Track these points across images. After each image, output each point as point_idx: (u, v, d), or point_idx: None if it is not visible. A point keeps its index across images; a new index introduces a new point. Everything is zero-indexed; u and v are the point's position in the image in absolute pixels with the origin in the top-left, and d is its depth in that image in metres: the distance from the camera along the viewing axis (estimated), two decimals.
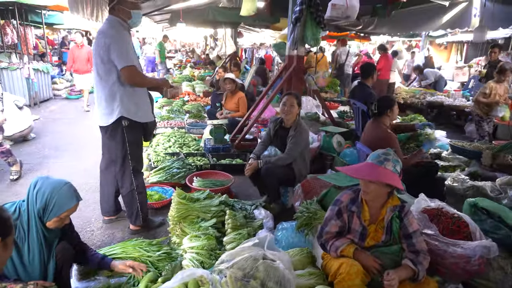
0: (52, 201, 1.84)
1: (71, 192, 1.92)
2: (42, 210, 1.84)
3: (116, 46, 2.76)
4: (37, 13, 8.99)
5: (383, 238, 2.08)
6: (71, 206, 1.90)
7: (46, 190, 1.84)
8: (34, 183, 1.88)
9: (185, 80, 11.32)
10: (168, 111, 7.48)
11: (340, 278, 1.93)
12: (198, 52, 19.07)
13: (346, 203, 2.17)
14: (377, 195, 2.05)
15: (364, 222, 2.09)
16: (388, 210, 2.06)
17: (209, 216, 3.13)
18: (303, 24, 4.71)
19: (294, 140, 3.46)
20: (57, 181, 1.90)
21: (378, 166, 2.00)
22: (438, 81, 10.04)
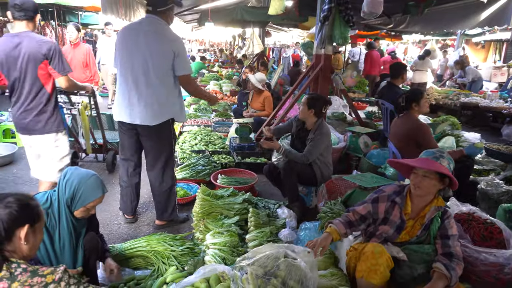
0: (79, 192, 1.92)
1: (98, 184, 1.99)
2: (70, 200, 1.93)
3: (183, 54, 2.90)
4: (74, 14, 9.40)
5: (418, 233, 2.05)
6: (97, 197, 1.98)
7: (74, 180, 1.93)
8: (64, 173, 1.97)
9: (212, 79, 11.46)
10: (195, 110, 7.61)
11: (364, 258, 1.92)
12: (226, 52, 19.22)
13: (389, 193, 2.16)
14: (428, 191, 2.03)
15: (404, 216, 2.07)
16: (433, 208, 2.04)
17: (232, 214, 3.15)
18: (331, 23, 4.64)
19: (313, 144, 3.39)
20: (84, 173, 1.98)
21: (434, 161, 2.00)
22: (475, 82, 9.59)
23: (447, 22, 6.34)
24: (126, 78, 2.92)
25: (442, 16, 6.50)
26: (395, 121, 3.60)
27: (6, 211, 1.40)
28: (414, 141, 3.32)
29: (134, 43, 2.84)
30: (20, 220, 1.42)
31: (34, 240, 1.50)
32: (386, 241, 2.10)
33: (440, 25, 6.78)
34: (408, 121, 3.37)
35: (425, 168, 1.98)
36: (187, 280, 1.98)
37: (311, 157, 3.38)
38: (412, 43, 18.55)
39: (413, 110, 3.38)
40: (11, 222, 1.40)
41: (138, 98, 2.90)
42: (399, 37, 12.05)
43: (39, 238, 1.55)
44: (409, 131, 3.32)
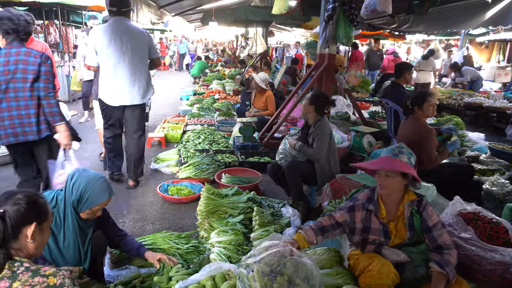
0: (86, 195, 1.91)
1: (105, 187, 1.99)
2: (76, 202, 1.92)
3: (153, 42, 3.90)
4: (78, 14, 9.42)
5: (408, 236, 2.05)
6: (104, 200, 1.98)
7: (81, 183, 1.92)
8: (71, 174, 1.97)
9: (215, 78, 11.47)
10: (198, 109, 7.63)
11: (369, 275, 1.90)
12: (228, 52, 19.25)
13: (362, 201, 2.17)
14: (394, 189, 2.04)
15: (382, 220, 2.08)
16: (406, 205, 2.05)
17: (237, 212, 3.15)
18: (336, 22, 4.64)
19: (318, 137, 3.37)
20: (92, 175, 1.98)
21: (394, 159, 2.02)
22: (475, 81, 9.56)
23: (452, 22, 6.33)
24: (116, 70, 3.65)
25: (446, 15, 6.48)
26: (403, 123, 3.59)
27: (14, 208, 1.37)
28: (419, 144, 3.31)
29: (119, 42, 3.60)
30: (28, 218, 1.40)
31: (41, 239, 1.48)
32: (380, 246, 2.10)
33: (445, 25, 6.77)
34: (415, 123, 3.36)
35: (380, 168, 2.01)
36: (193, 278, 1.99)
37: (321, 151, 3.38)
38: (415, 43, 18.51)
39: (417, 114, 3.37)
40: (19, 220, 1.38)
41: (132, 84, 3.71)
42: (403, 37, 12.03)
43: (46, 236, 1.53)
44: (415, 134, 3.30)
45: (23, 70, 2.61)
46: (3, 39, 2.67)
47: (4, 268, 1.34)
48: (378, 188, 2.11)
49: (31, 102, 2.66)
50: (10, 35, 2.64)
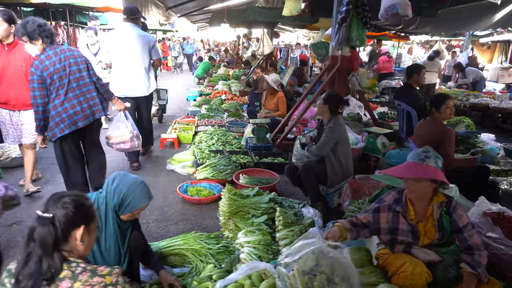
0: (128, 199, 1.96)
1: (146, 191, 2.04)
2: (118, 206, 1.97)
3: (156, 45, 4.66)
4: (84, 14, 9.45)
5: (437, 236, 2.09)
6: (145, 204, 2.03)
7: (123, 187, 1.97)
8: (113, 178, 2.01)
9: (220, 79, 11.51)
10: (207, 109, 7.66)
11: (403, 276, 1.95)
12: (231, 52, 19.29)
13: (389, 203, 2.21)
14: (423, 193, 2.08)
15: (411, 221, 2.12)
16: (435, 207, 2.08)
17: (259, 213, 3.20)
18: (349, 25, 4.69)
19: (326, 133, 3.42)
20: (133, 180, 2.02)
21: (420, 164, 2.04)
22: (478, 82, 9.64)
23: (460, 24, 6.40)
24: (126, 67, 4.44)
25: (454, 17, 6.55)
26: (421, 124, 3.65)
27: (63, 212, 1.40)
28: (437, 145, 3.36)
29: (128, 44, 4.39)
30: (76, 221, 1.43)
31: (89, 240, 1.51)
32: (410, 246, 2.15)
33: (452, 27, 6.84)
34: (433, 125, 3.41)
35: (411, 177, 2.02)
36: (231, 277, 2.04)
37: (323, 149, 3.40)
38: (417, 43, 18.59)
39: (435, 115, 3.42)
40: (68, 223, 1.41)
41: (137, 79, 4.49)
42: (407, 38, 12.11)
43: (93, 238, 1.56)
44: (434, 136, 3.35)
45: (75, 63, 3.17)
46: (43, 43, 3.03)
47: (63, 269, 1.38)
48: (406, 192, 2.14)
49: (91, 87, 3.30)
50: (49, 39, 3.05)
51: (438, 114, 3.46)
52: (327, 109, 3.44)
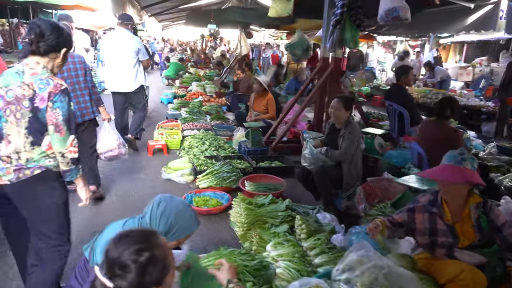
0: (175, 226, 1.78)
1: (194, 217, 1.88)
2: (164, 233, 1.77)
3: (143, 48, 5.14)
4: (46, 13, 8.75)
5: (478, 237, 2.12)
6: (193, 231, 1.87)
7: (170, 214, 1.78)
8: (158, 203, 1.82)
9: (193, 80, 11.21)
10: (188, 112, 7.39)
11: (462, 284, 1.95)
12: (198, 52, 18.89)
13: (424, 204, 2.24)
14: (458, 195, 2.12)
15: (447, 222, 2.15)
16: (472, 208, 2.12)
17: (278, 222, 3.11)
18: (342, 27, 4.72)
19: (348, 137, 3.45)
20: (180, 205, 1.85)
21: (458, 167, 2.07)
22: (445, 81, 10.21)
23: (435, 26, 6.68)
24: (116, 65, 4.96)
25: (428, 19, 6.82)
26: (426, 125, 3.74)
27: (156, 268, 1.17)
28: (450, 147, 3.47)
29: (121, 46, 4.91)
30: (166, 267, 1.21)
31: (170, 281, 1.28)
32: (451, 249, 2.17)
33: (426, 28, 7.13)
34: (440, 126, 3.52)
35: (451, 181, 2.06)
36: None
37: (349, 153, 3.43)
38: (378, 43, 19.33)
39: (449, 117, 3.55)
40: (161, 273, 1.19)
41: (126, 76, 4.99)
42: (373, 38, 12.52)
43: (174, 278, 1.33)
44: (441, 137, 3.45)
45: (74, 69, 3.33)
46: None
47: None
48: (442, 193, 2.18)
49: (85, 91, 3.43)
50: None
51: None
52: (344, 110, 3.43)
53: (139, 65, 5.06)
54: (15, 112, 1.84)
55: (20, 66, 1.89)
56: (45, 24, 1.89)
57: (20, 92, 1.83)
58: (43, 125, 1.87)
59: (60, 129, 1.87)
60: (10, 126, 1.85)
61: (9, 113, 1.84)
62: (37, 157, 1.89)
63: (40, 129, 1.87)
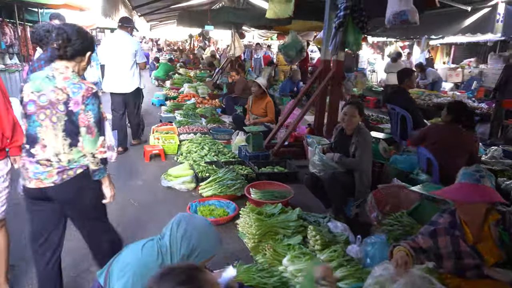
0: (198, 249, 1.64)
1: (217, 237, 1.73)
2: (186, 256, 1.63)
3: (140, 50, 5.34)
4: (32, 12, 8.42)
5: (503, 256, 2.04)
6: (216, 252, 1.72)
7: (192, 235, 1.64)
8: (177, 223, 1.67)
9: (184, 81, 11.00)
10: (182, 115, 7.21)
11: None
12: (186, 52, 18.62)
13: (445, 226, 2.12)
14: (477, 214, 2.01)
15: (469, 243, 2.05)
16: (492, 225, 2.02)
17: (289, 232, 3.00)
18: (345, 29, 4.64)
19: (363, 145, 3.38)
20: (202, 225, 1.70)
21: (476, 185, 1.95)
22: (436, 82, 10.29)
23: (432, 28, 6.68)
24: (115, 67, 5.12)
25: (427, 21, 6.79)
26: (434, 129, 3.70)
27: None
28: (465, 152, 3.44)
29: (120, 48, 5.09)
30: None
31: None
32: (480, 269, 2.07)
33: (423, 31, 7.13)
34: (458, 132, 3.50)
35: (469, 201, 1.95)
36: None
37: (364, 160, 3.37)
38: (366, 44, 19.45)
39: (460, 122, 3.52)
40: None
41: (124, 77, 5.16)
42: (364, 39, 12.53)
43: None
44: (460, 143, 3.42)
45: None
46: None
47: None
48: (460, 214, 2.06)
49: None
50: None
51: None
52: (357, 114, 3.35)
53: (136, 67, 5.22)
54: (51, 116, 1.89)
55: (49, 71, 1.92)
56: (71, 29, 1.94)
57: (54, 97, 1.88)
58: (77, 127, 1.93)
59: (92, 131, 1.94)
60: (45, 130, 1.90)
61: (43, 117, 1.89)
62: (76, 157, 1.96)
63: (76, 130, 1.94)
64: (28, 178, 1.94)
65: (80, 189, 2.00)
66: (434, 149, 3.63)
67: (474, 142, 3.51)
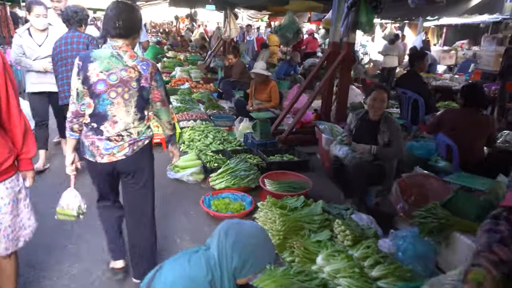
0: (250, 259, 1.43)
1: (270, 245, 1.54)
2: (239, 269, 1.43)
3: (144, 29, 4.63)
4: None
5: None
6: (271, 262, 1.53)
7: (243, 246, 1.43)
8: (225, 232, 1.44)
9: (176, 65, 10.55)
10: (179, 101, 6.86)
11: None
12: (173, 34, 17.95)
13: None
14: None
15: None
16: None
17: (315, 227, 2.83)
18: (357, 9, 4.40)
19: (396, 133, 3.26)
20: (255, 233, 1.49)
21: None
22: (432, 65, 10.20)
23: (438, 8, 6.47)
24: None
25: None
26: (451, 113, 3.63)
27: None
28: (484, 135, 3.38)
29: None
30: None
31: None
32: None
33: (427, 11, 6.94)
34: (478, 115, 3.45)
35: None
36: None
37: (403, 149, 3.32)
38: None
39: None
40: None
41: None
42: None
43: None
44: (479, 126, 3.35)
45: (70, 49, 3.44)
46: None
47: None
48: None
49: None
50: None
51: None
52: (387, 103, 3.18)
53: (139, 47, 5.09)
54: (122, 93, 1.98)
55: (111, 49, 1.98)
56: (127, 8, 1.99)
57: (126, 75, 1.96)
58: (146, 101, 2.07)
59: (165, 103, 2.14)
60: (117, 107, 1.98)
61: (114, 95, 1.97)
62: (143, 129, 2.10)
63: (144, 105, 2.07)
64: (99, 155, 2.02)
65: (146, 158, 2.18)
66: (452, 135, 3.51)
67: (492, 122, 3.42)
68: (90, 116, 1.99)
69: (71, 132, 2.04)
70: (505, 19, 10.38)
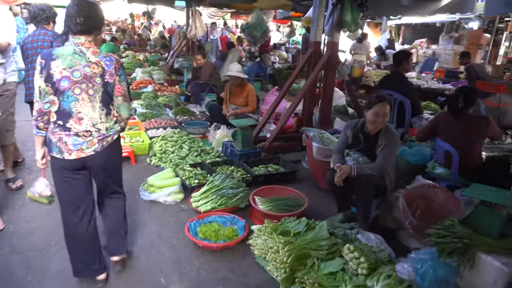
0: None
1: None
2: None
3: None
4: None
5: None
6: None
7: None
8: None
9: (135, 66, 9.78)
10: (144, 106, 6.23)
11: None
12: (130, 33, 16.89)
13: None
14: None
15: None
16: None
17: (323, 254, 2.48)
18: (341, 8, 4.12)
19: (389, 149, 2.96)
20: None
21: None
22: None
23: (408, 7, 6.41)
24: None
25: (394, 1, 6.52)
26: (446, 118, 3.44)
27: None
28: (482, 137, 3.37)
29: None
30: None
31: None
32: None
33: (396, 10, 6.87)
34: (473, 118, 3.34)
35: None
36: None
37: (387, 165, 2.96)
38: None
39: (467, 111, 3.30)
40: None
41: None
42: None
43: None
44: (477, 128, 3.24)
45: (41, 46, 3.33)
46: None
47: None
48: None
49: None
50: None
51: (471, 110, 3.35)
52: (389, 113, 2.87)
53: None
54: (87, 89, 1.99)
55: (73, 46, 1.99)
56: (88, 5, 2.00)
57: (89, 71, 1.98)
58: (110, 96, 2.09)
59: (127, 99, 2.15)
60: (82, 104, 1.99)
61: (79, 92, 1.98)
62: (111, 124, 2.12)
63: (109, 100, 2.09)
64: (68, 151, 2.01)
65: (115, 152, 2.21)
66: (451, 140, 3.34)
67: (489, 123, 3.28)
68: (56, 113, 2.00)
69: (38, 130, 2.04)
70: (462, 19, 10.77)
